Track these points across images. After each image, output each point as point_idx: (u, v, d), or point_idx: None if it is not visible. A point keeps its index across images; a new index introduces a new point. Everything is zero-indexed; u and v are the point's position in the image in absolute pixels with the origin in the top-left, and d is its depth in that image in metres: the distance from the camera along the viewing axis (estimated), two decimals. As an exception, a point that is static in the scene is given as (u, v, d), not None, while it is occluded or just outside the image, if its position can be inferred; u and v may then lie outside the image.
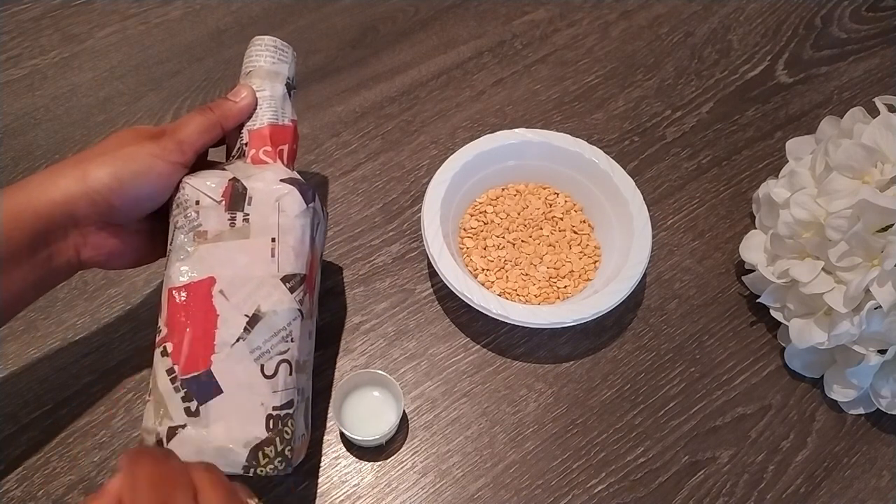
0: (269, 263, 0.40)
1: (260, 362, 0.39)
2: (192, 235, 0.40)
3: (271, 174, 0.41)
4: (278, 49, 0.45)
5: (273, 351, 0.39)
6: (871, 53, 0.70)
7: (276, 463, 0.38)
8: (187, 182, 0.40)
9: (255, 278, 0.39)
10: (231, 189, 0.40)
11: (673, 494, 0.46)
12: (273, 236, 0.40)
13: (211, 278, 0.39)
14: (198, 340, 0.38)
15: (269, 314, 0.39)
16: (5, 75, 0.63)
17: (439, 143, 0.61)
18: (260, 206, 0.40)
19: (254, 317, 0.39)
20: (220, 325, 0.39)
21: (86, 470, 0.45)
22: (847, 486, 0.47)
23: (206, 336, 0.38)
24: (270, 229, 0.40)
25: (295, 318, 0.40)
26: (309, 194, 0.41)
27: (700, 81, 0.67)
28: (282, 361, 0.39)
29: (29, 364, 0.49)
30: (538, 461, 0.47)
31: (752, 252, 0.52)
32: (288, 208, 0.40)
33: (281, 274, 0.40)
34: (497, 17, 0.70)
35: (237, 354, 0.38)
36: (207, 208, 0.40)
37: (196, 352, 0.38)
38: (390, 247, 0.56)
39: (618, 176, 0.54)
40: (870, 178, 0.45)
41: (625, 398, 0.50)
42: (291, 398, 0.39)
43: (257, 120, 0.43)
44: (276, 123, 0.43)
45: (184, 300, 0.39)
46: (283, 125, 0.44)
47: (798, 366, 0.51)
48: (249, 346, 0.39)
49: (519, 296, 0.52)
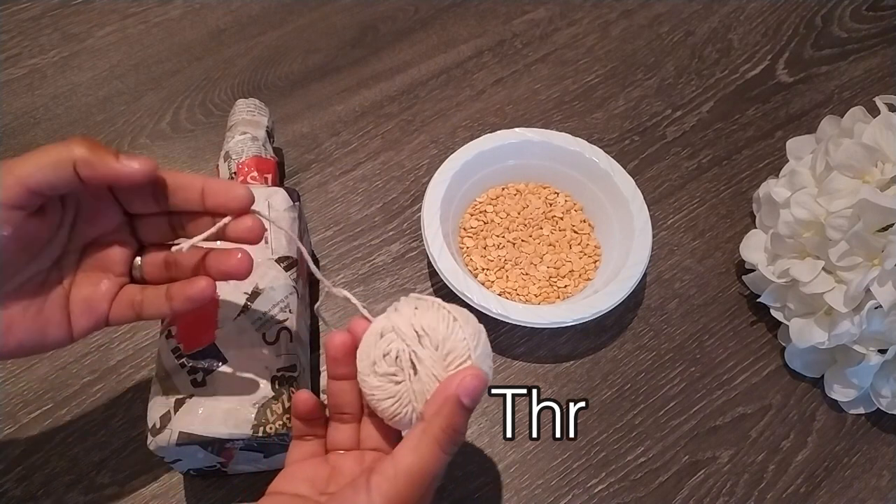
0: (263, 249, 0.43)
1: (262, 331, 0.41)
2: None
3: (260, 188, 0.46)
4: (258, 107, 0.53)
5: (273, 320, 0.41)
6: (871, 53, 0.70)
7: (285, 419, 0.39)
8: None
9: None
10: None
11: (673, 494, 0.46)
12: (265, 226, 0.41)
13: None
14: (201, 320, 0.40)
15: (267, 290, 0.42)
16: (5, 75, 0.63)
17: (439, 143, 0.61)
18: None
19: (253, 293, 0.42)
20: (222, 305, 0.41)
21: (86, 470, 0.45)
22: (847, 485, 0.47)
23: (209, 315, 0.41)
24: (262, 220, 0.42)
25: (291, 293, 0.43)
26: (294, 195, 0.47)
27: (700, 81, 0.67)
28: (282, 329, 0.41)
29: (29, 364, 0.49)
30: (538, 461, 0.47)
31: (753, 252, 0.52)
32: (277, 204, 0.45)
33: (275, 256, 0.44)
34: (497, 17, 0.70)
35: (240, 326, 0.41)
36: None
37: (199, 330, 0.40)
38: (390, 246, 0.56)
39: (618, 175, 0.54)
40: (870, 178, 0.45)
41: (625, 398, 0.50)
42: (294, 363, 0.41)
43: (243, 153, 0.49)
44: (260, 156, 0.49)
45: None
46: (267, 158, 0.50)
47: (798, 365, 0.51)
48: (250, 318, 0.41)
49: (519, 295, 0.52)
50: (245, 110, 0.53)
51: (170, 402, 0.38)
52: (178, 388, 0.39)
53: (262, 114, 0.53)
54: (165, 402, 0.39)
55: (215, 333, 0.40)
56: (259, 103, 0.54)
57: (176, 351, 0.40)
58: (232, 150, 0.49)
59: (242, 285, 0.42)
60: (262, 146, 0.50)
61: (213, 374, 0.39)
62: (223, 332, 0.40)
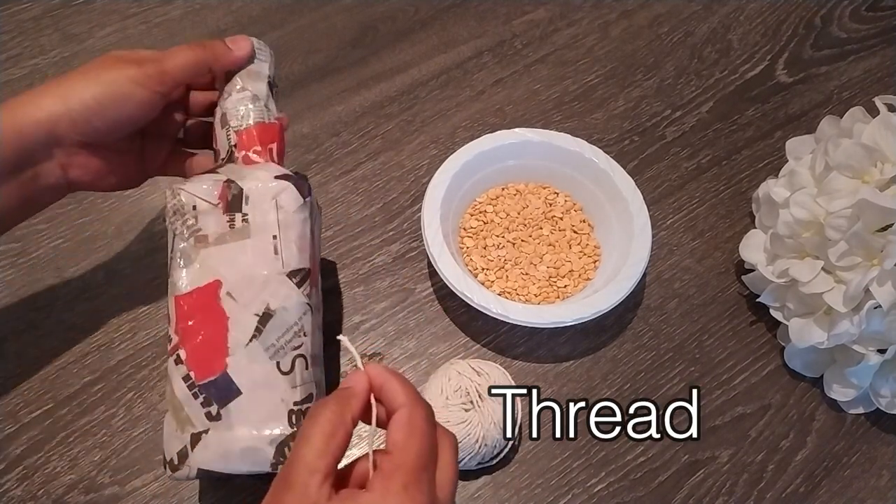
0: (273, 261, 0.39)
1: (275, 359, 0.39)
2: (192, 241, 0.39)
3: (264, 173, 0.40)
4: (257, 49, 0.44)
5: (287, 347, 0.39)
6: (870, 53, 0.70)
7: None
8: (181, 189, 0.40)
9: (261, 277, 0.39)
10: (227, 190, 0.40)
11: (673, 494, 0.46)
12: (274, 233, 0.39)
13: (216, 281, 0.39)
14: (210, 344, 0.38)
15: (280, 311, 0.39)
16: (5, 75, 0.63)
17: (439, 143, 0.61)
18: (258, 205, 0.40)
19: (264, 315, 0.39)
20: (231, 327, 0.38)
21: (86, 469, 0.45)
22: (847, 485, 0.47)
23: (219, 339, 0.38)
24: (270, 227, 0.39)
25: (305, 312, 0.40)
26: (305, 188, 0.41)
27: (700, 81, 0.67)
28: (297, 356, 0.39)
29: (29, 364, 0.49)
30: (538, 461, 0.47)
31: (752, 251, 0.52)
32: (286, 204, 0.40)
33: (286, 270, 0.39)
34: (497, 17, 0.70)
35: (252, 354, 0.38)
36: (205, 212, 0.39)
37: (210, 356, 0.38)
38: (390, 246, 0.56)
39: (618, 175, 0.54)
40: (869, 178, 0.45)
41: (625, 397, 0.50)
42: (310, 392, 0.40)
43: (243, 120, 0.42)
44: (262, 122, 0.43)
45: (191, 306, 0.39)
46: (270, 123, 0.43)
47: (798, 365, 0.51)
48: (263, 345, 0.38)
49: (519, 295, 0.52)
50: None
51: (185, 437, 0.38)
52: (193, 422, 0.38)
53: (262, 57, 0.44)
54: (181, 437, 0.38)
55: (226, 361, 0.38)
56: (259, 43, 0.45)
57: (187, 379, 0.38)
58: (230, 114, 0.42)
59: (252, 304, 0.39)
60: (265, 106, 0.43)
61: (227, 409, 0.38)
62: (235, 361, 0.38)
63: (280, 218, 0.40)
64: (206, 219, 0.39)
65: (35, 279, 0.52)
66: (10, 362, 0.49)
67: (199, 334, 0.38)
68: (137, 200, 0.56)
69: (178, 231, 0.40)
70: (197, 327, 0.38)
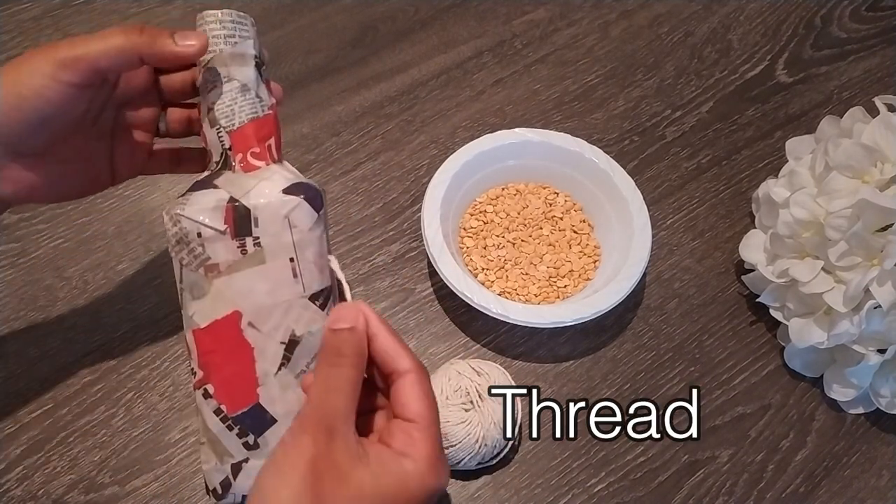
0: (293, 285, 0.36)
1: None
2: (202, 271, 0.36)
3: (270, 185, 0.36)
4: (236, 23, 0.37)
5: None
6: (870, 53, 0.70)
7: None
8: (182, 215, 0.36)
9: (283, 303, 0.37)
10: (233, 213, 0.36)
11: (673, 494, 0.46)
12: (291, 256, 0.36)
13: (236, 313, 0.36)
14: (238, 377, 0.37)
15: (306, 336, 0.37)
16: (5, 75, 0.63)
17: (439, 143, 0.61)
18: (269, 226, 0.36)
19: (290, 342, 0.37)
20: (258, 357, 0.37)
21: (86, 469, 0.45)
22: (846, 485, 0.47)
23: (246, 371, 0.37)
24: (286, 249, 0.36)
25: None
26: (318, 201, 0.37)
27: (700, 81, 0.67)
28: None
29: (29, 364, 0.49)
30: (538, 461, 0.47)
31: (752, 251, 0.52)
32: (300, 223, 0.36)
33: (308, 293, 0.37)
34: (497, 17, 0.70)
35: (283, 382, 0.37)
36: (212, 240, 0.36)
37: (240, 388, 0.37)
38: (390, 246, 0.56)
39: (617, 175, 0.54)
40: (869, 178, 0.45)
41: (625, 397, 0.50)
42: None
43: (235, 118, 0.37)
44: (256, 117, 0.38)
45: (213, 340, 0.37)
46: (265, 116, 0.38)
47: (798, 365, 0.51)
48: (293, 371, 0.37)
49: (519, 295, 0.52)
50: (222, 34, 0.37)
51: (226, 468, 0.37)
52: (232, 453, 0.37)
53: (244, 33, 0.38)
54: (222, 468, 0.37)
55: (258, 392, 0.37)
56: (238, 15, 0.38)
57: (219, 413, 0.37)
58: (218, 112, 0.37)
59: (277, 333, 0.37)
60: (256, 96, 0.38)
61: (264, 437, 0.37)
62: (266, 391, 0.37)
63: (295, 239, 0.36)
64: (214, 246, 0.36)
65: (35, 279, 0.52)
66: (10, 362, 0.49)
67: (224, 368, 0.37)
68: (137, 200, 0.56)
69: (184, 261, 0.37)
70: (221, 361, 0.37)
